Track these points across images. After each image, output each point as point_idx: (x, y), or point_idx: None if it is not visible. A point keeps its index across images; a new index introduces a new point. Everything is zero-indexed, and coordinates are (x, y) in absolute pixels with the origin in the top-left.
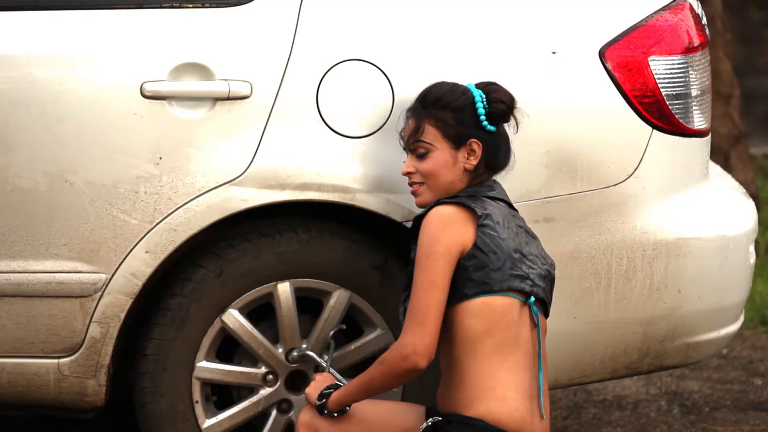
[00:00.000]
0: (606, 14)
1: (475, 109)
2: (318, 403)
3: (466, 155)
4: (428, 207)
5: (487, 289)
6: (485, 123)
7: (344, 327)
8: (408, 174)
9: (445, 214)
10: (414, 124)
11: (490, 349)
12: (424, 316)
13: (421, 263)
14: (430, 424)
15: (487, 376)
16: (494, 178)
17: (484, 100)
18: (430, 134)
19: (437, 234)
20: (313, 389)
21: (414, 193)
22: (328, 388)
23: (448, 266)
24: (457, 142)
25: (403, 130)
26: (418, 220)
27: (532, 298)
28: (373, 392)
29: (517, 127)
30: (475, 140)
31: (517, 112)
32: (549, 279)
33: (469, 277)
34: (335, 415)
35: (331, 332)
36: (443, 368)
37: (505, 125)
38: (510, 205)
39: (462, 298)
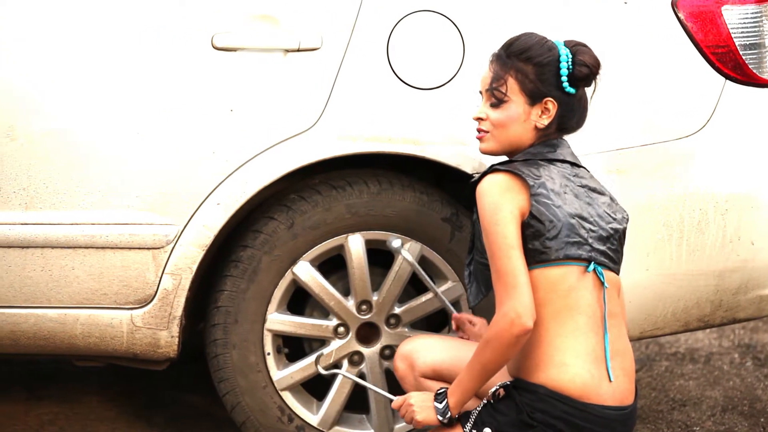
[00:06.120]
0: None
1: (558, 68)
2: (445, 421)
3: (540, 113)
4: (481, 174)
5: (544, 259)
6: (565, 84)
7: (453, 311)
8: (478, 119)
9: (499, 182)
10: (495, 71)
11: (547, 318)
12: (514, 279)
13: (490, 230)
14: (499, 387)
15: (545, 343)
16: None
17: (570, 60)
18: (509, 85)
19: (497, 201)
20: (421, 411)
21: (479, 139)
22: (437, 400)
23: (517, 229)
24: (534, 98)
25: (483, 75)
26: (472, 187)
27: (593, 265)
28: (489, 374)
29: (594, 91)
30: (551, 99)
31: (599, 78)
32: (615, 237)
33: (526, 245)
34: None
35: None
36: None
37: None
38: (573, 164)
39: None
